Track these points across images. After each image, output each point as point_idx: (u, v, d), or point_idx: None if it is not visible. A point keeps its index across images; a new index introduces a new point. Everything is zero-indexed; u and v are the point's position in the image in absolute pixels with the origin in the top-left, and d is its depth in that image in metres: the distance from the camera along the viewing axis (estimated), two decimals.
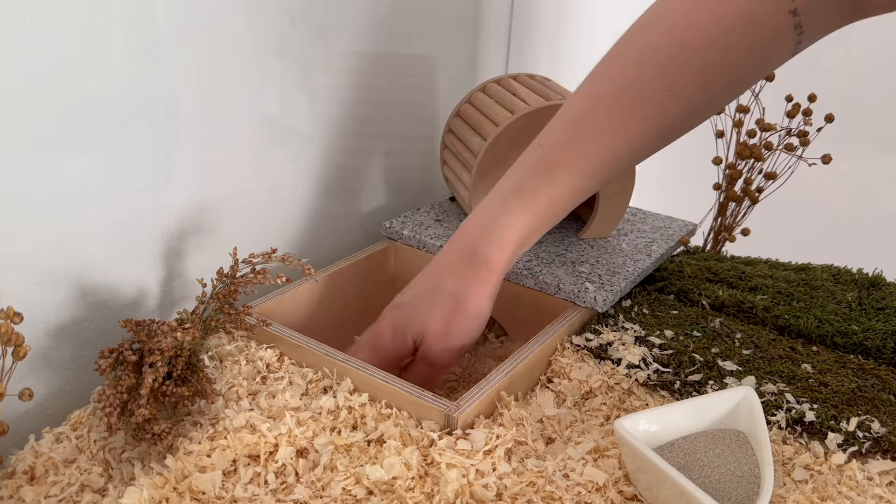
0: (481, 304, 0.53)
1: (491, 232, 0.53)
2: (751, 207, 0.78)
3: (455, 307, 0.53)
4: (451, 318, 0.53)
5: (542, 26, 1.03)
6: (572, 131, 0.51)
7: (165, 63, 0.54)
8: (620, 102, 0.49)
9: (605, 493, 0.42)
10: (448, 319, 0.53)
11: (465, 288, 0.53)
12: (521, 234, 0.52)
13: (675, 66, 0.46)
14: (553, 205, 0.52)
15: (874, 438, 0.45)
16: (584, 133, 0.50)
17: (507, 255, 0.53)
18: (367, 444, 0.45)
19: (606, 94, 0.50)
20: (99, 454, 0.45)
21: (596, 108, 0.50)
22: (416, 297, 0.55)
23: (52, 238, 0.51)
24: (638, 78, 0.48)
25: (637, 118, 0.48)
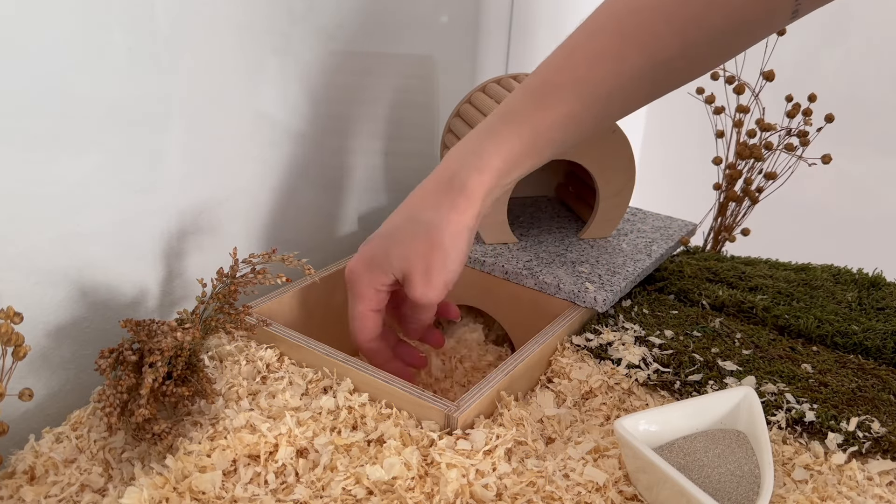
0: (458, 237, 0.50)
1: (471, 156, 0.50)
2: (751, 207, 0.78)
3: (431, 241, 0.50)
4: (428, 253, 0.50)
5: (542, 26, 1.04)
6: (567, 58, 0.49)
7: (165, 63, 0.54)
8: (619, 28, 0.47)
9: (605, 494, 0.42)
10: (426, 255, 0.50)
11: (440, 219, 0.50)
12: (504, 159, 0.49)
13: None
14: (541, 131, 0.49)
15: (874, 438, 0.45)
16: (579, 58, 0.49)
17: (488, 180, 0.49)
18: (367, 444, 0.45)
19: (602, 20, 0.48)
20: (99, 454, 0.45)
21: (594, 34, 0.49)
22: (391, 230, 0.52)
23: (52, 238, 0.51)
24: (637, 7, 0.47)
25: (634, 46, 0.47)
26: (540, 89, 0.49)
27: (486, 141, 0.50)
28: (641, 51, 0.47)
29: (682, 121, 0.56)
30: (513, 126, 0.49)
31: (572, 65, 0.49)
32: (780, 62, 0.74)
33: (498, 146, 0.49)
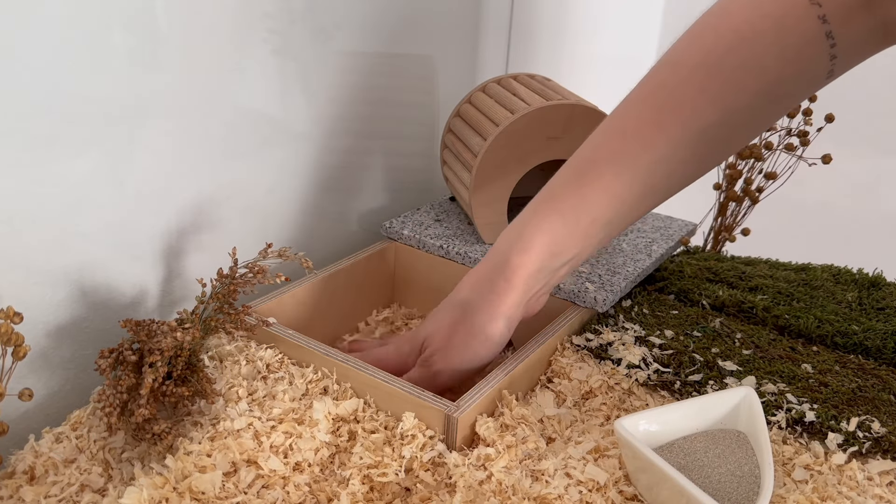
0: (490, 322, 0.49)
1: (515, 237, 0.50)
2: (751, 207, 0.78)
3: (462, 319, 0.50)
4: (455, 329, 0.50)
5: (542, 26, 1.03)
6: (604, 134, 0.49)
7: (165, 63, 0.54)
8: (652, 103, 0.47)
9: (605, 493, 0.42)
10: (452, 330, 0.50)
11: (477, 301, 0.50)
12: (546, 239, 0.48)
13: (706, 65, 0.45)
14: (583, 209, 0.48)
15: (874, 438, 0.45)
16: (615, 133, 0.48)
17: (530, 263, 0.49)
18: (367, 444, 0.45)
19: (639, 96, 0.48)
20: (99, 454, 0.45)
21: (628, 110, 0.48)
22: (437, 309, 0.53)
23: (51, 238, 0.51)
24: (671, 78, 0.47)
25: (671, 118, 0.46)
26: (579, 167, 0.49)
27: (529, 221, 0.49)
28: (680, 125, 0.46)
29: None
30: (553, 204, 0.49)
31: (608, 140, 0.48)
32: None
33: (539, 226, 0.49)
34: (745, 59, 0.44)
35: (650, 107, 0.47)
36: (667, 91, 0.47)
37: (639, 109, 0.48)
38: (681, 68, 0.46)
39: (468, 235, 0.70)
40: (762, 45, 0.44)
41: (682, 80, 0.46)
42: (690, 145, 0.47)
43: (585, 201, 0.48)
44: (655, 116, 0.46)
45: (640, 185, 0.48)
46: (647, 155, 0.47)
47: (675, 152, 0.47)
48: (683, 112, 0.46)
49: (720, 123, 0.46)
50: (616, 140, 0.48)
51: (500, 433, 0.46)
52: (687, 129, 0.46)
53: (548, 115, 0.64)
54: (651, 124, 0.47)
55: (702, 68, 0.45)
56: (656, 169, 0.47)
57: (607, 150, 0.48)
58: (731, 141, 0.49)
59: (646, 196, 0.49)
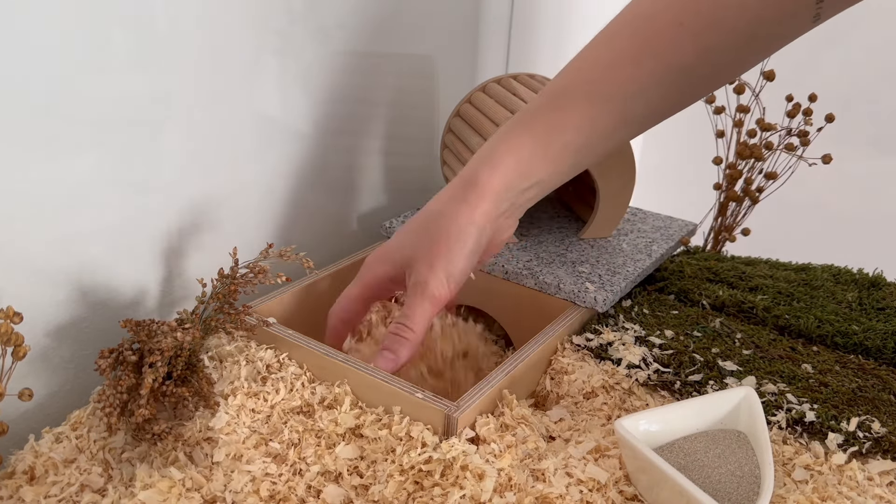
0: (464, 230, 0.48)
1: (486, 155, 0.49)
2: (751, 207, 0.78)
3: (438, 230, 0.49)
4: (434, 240, 0.49)
5: (542, 26, 1.03)
6: (581, 63, 0.49)
7: (165, 63, 0.54)
8: (631, 32, 0.46)
9: (605, 493, 0.42)
10: (431, 244, 0.49)
11: (450, 210, 0.49)
12: (516, 157, 0.48)
13: None
14: (554, 131, 0.48)
15: (874, 438, 0.45)
16: (592, 64, 0.48)
17: (500, 176, 0.48)
18: (368, 445, 0.45)
19: (617, 28, 0.48)
20: (99, 454, 0.45)
21: (609, 41, 0.48)
22: (406, 224, 0.52)
23: (51, 238, 0.51)
24: (650, 11, 0.46)
25: (647, 50, 0.45)
26: (554, 92, 0.49)
27: (500, 140, 0.49)
28: (658, 56, 0.46)
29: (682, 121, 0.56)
30: (525, 125, 0.49)
31: (586, 70, 0.48)
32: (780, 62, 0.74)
33: (509, 144, 0.49)
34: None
35: (627, 38, 0.47)
36: (644, 21, 0.46)
37: (616, 40, 0.47)
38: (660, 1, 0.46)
39: None
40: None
41: (659, 11, 0.45)
42: (669, 81, 0.46)
43: (557, 125, 0.48)
44: (633, 50, 0.46)
45: (616, 114, 0.47)
46: (623, 87, 0.46)
47: (652, 86, 0.46)
48: (660, 46, 0.45)
49: (700, 62, 0.45)
50: (592, 70, 0.47)
51: (500, 433, 0.46)
52: (664, 63, 0.46)
53: None
54: (628, 58, 0.46)
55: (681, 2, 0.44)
56: (633, 100, 0.47)
57: (583, 78, 0.48)
58: (712, 78, 0.48)
59: (620, 126, 0.48)
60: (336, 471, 0.44)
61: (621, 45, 0.47)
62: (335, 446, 0.45)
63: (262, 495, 0.42)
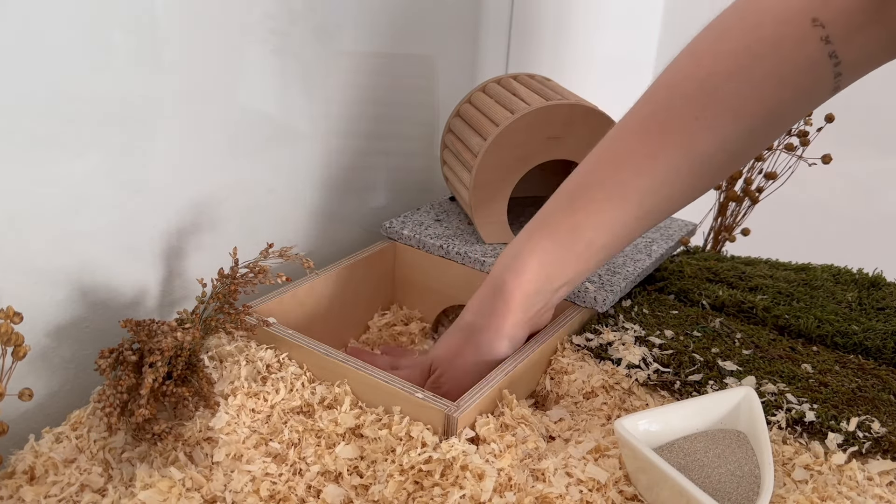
0: (494, 342, 0.51)
1: (511, 260, 0.50)
2: (751, 207, 0.78)
3: (467, 341, 0.52)
4: (461, 350, 0.52)
5: (542, 26, 1.03)
6: (595, 160, 0.49)
7: (165, 63, 0.54)
8: (646, 129, 0.46)
9: (605, 493, 0.42)
10: (458, 352, 0.52)
11: (480, 323, 0.51)
12: (540, 261, 0.49)
13: (702, 93, 0.44)
14: (576, 232, 0.48)
15: (874, 438, 0.45)
16: (606, 160, 0.48)
17: (525, 286, 0.50)
18: (368, 445, 0.45)
19: (632, 123, 0.47)
20: (99, 454, 0.45)
21: (621, 136, 0.48)
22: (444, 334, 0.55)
23: (51, 238, 0.51)
24: (665, 105, 0.46)
25: (662, 146, 0.45)
26: (572, 192, 0.49)
27: (523, 246, 0.50)
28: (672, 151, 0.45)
29: None
30: (546, 230, 0.49)
31: (602, 168, 0.48)
32: None
33: (532, 251, 0.49)
34: (742, 86, 0.43)
35: (643, 135, 0.46)
36: (660, 119, 0.46)
37: (632, 137, 0.47)
38: (676, 95, 0.45)
39: (468, 235, 0.70)
40: (760, 71, 0.42)
41: (676, 108, 0.45)
42: (685, 172, 0.46)
43: (578, 227, 0.48)
44: (648, 146, 0.46)
45: (635, 210, 0.47)
46: (639, 183, 0.46)
47: (669, 179, 0.46)
48: (676, 141, 0.45)
49: (717, 150, 0.45)
50: (608, 168, 0.48)
51: (500, 433, 0.46)
52: (680, 157, 0.45)
53: (548, 115, 0.64)
54: (643, 154, 0.46)
55: (697, 96, 0.44)
56: (650, 195, 0.47)
57: (599, 176, 0.48)
58: (729, 163, 0.47)
59: (641, 219, 0.48)
60: (336, 471, 0.44)
61: (636, 141, 0.47)
62: (335, 446, 0.45)
63: (262, 495, 0.42)
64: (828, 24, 0.40)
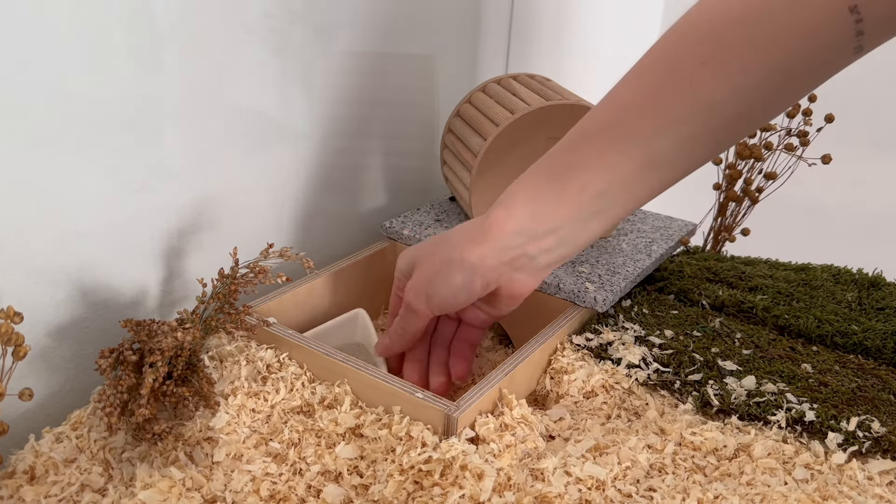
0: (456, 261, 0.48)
1: (503, 195, 0.48)
2: (751, 207, 0.78)
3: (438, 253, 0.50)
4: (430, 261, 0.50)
5: (542, 26, 1.04)
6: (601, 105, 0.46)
7: (165, 63, 0.54)
8: (653, 73, 0.44)
9: (604, 492, 0.42)
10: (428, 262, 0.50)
11: (455, 240, 0.49)
12: (528, 199, 0.46)
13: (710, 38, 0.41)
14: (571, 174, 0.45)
15: (874, 438, 0.45)
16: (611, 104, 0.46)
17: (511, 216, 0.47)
18: (368, 445, 0.45)
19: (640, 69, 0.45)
20: (99, 454, 0.45)
21: (627, 81, 0.46)
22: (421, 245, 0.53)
23: (51, 238, 0.51)
24: (673, 50, 0.43)
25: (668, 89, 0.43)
26: (572, 136, 0.47)
27: (517, 182, 0.48)
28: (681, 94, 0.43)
29: None
30: (542, 167, 0.47)
31: (605, 111, 0.46)
32: None
33: (523, 183, 0.47)
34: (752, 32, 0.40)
35: (650, 78, 0.44)
36: (667, 63, 0.44)
37: (637, 80, 0.45)
38: (685, 40, 0.43)
39: None
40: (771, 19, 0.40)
41: (684, 52, 0.43)
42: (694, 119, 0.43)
43: (575, 166, 0.45)
44: (654, 89, 0.44)
45: (637, 156, 0.44)
46: (644, 125, 0.44)
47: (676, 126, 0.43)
48: (682, 84, 0.43)
49: (725, 99, 0.42)
50: (611, 110, 0.45)
51: (500, 433, 0.46)
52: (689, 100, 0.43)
53: (548, 115, 0.64)
54: (649, 97, 0.44)
55: (706, 41, 0.42)
56: (656, 140, 0.44)
57: (602, 119, 0.45)
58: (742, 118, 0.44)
59: (644, 169, 0.45)
60: (336, 470, 0.44)
61: (642, 84, 0.45)
62: (335, 446, 0.45)
63: (262, 495, 0.42)
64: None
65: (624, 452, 0.45)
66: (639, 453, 0.45)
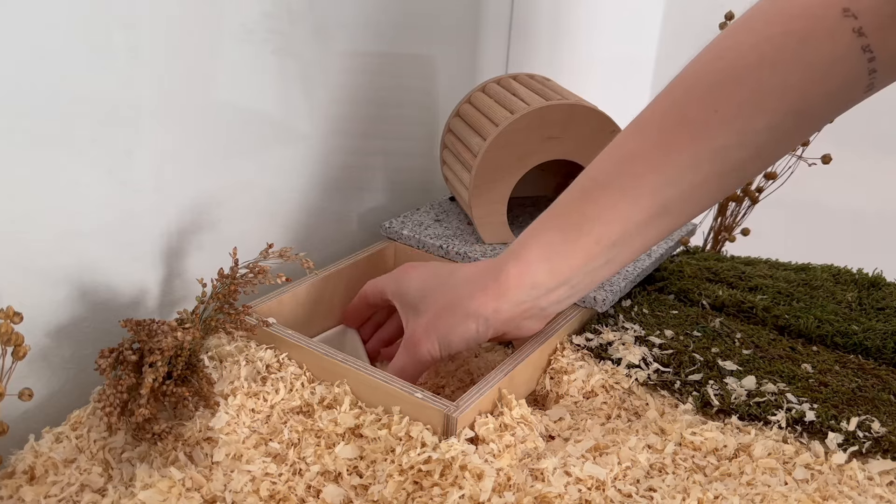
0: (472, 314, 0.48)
1: (516, 246, 0.48)
2: (751, 207, 0.78)
3: (449, 302, 0.49)
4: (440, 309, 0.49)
5: (542, 26, 1.03)
6: (610, 155, 0.46)
7: (165, 63, 0.54)
8: (663, 122, 0.44)
9: (604, 491, 0.42)
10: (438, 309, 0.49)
11: (468, 291, 0.49)
12: (543, 253, 0.47)
13: (722, 85, 0.42)
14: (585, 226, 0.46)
15: (874, 438, 0.45)
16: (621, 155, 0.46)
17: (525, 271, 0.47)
18: (368, 445, 0.45)
19: (649, 117, 0.45)
20: (99, 454, 0.45)
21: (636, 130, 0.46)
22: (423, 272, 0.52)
23: (51, 238, 0.51)
24: (683, 98, 0.43)
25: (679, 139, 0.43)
26: (584, 186, 0.47)
27: (529, 234, 0.48)
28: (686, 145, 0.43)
29: None
30: (555, 220, 0.47)
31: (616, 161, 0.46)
32: None
33: (537, 238, 0.47)
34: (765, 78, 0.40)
35: (660, 128, 0.44)
36: (678, 112, 0.43)
37: (648, 131, 0.45)
38: (695, 87, 0.43)
39: (468, 235, 0.70)
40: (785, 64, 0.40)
41: (695, 100, 0.43)
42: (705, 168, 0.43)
43: (587, 218, 0.46)
44: (665, 138, 0.44)
45: (649, 205, 0.45)
46: (655, 177, 0.44)
47: (687, 175, 0.44)
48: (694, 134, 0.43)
49: (737, 144, 0.42)
50: (623, 163, 0.45)
51: (500, 433, 0.46)
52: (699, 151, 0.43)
53: (547, 115, 0.64)
54: (660, 147, 0.44)
55: (717, 88, 0.42)
56: (666, 191, 0.44)
57: (612, 170, 0.46)
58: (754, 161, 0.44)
59: (656, 217, 0.45)
60: (336, 471, 0.44)
61: (653, 135, 0.45)
62: (335, 446, 0.45)
63: (261, 495, 0.42)
64: (860, 14, 0.38)
65: (624, 452, 0.45)
66: (639, 453, 0.45)
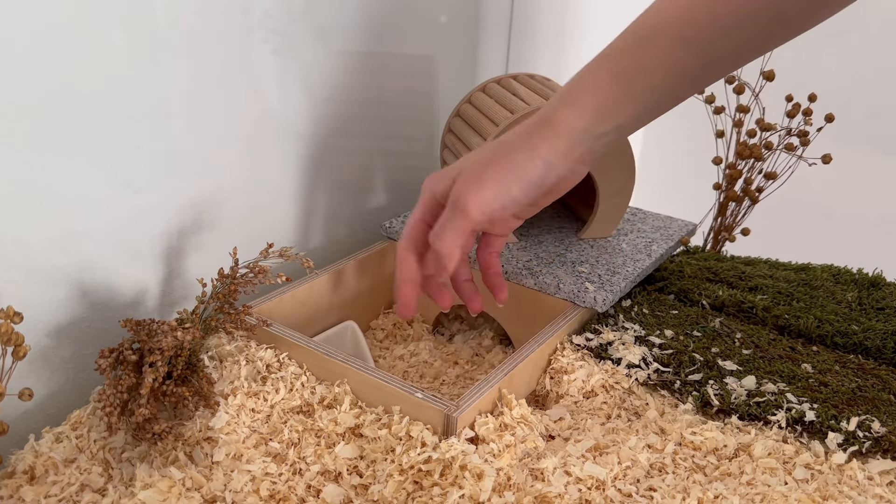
0: (529, 160, 0.46)
1: (565, 93, 0.46)
2: (751, 207, 0.78)
3: (498, 156, 0.47)
4: (489, 164, 0.47)
5: (542, 26, 1.04)
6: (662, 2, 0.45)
7: (165, 63, 0.54)
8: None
9: (604, 491, 0.42)
10: (486, 165, 0.47)
11: (517, 142, 0.47)
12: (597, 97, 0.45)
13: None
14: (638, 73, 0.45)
15: (874, 438, 0.45)
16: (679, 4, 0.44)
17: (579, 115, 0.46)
18: (368, 445, 0.45)
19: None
20: (99, 454, 0.45)
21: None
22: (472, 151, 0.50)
23: (51, 237, 0.51)
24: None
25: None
26: (638, 31, 0.46)
27: (580, 80, 0.47)
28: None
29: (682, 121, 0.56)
30: (607, 62, 0.46)
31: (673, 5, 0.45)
32: (780, 62, 0.74)
33: (590, 83, 0.46)
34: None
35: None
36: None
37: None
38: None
39: None
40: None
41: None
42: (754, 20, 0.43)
43: (643, 66, 0.45)
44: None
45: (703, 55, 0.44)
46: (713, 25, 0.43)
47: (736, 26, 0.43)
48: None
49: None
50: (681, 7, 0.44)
51: (500, 433, 0.46)
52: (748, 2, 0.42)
53: None
54: None
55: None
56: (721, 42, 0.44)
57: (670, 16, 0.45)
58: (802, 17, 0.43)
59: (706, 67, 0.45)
60: (336, 470, 0.44)
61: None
62: (335, 446, 0.45)
63: (261, 495, 0.42)
64: None
65: (624, 452, 0.45)
66: (639, 453, 0.45)
